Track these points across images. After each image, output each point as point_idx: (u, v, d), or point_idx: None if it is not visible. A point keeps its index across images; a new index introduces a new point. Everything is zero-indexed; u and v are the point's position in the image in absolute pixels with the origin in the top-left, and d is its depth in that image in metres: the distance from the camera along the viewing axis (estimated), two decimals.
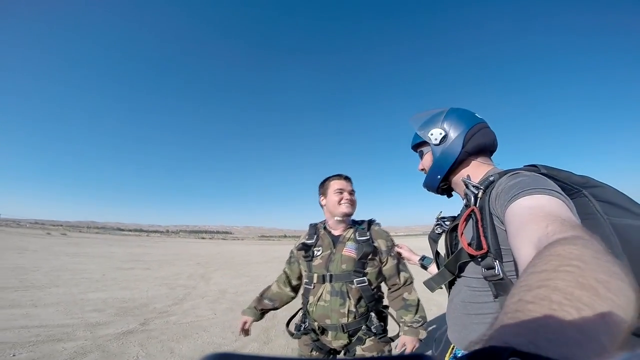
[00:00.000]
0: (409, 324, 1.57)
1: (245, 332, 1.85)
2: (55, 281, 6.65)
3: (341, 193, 1.69)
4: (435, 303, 5.31)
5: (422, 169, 1.13)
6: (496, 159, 1.04)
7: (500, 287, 0.79)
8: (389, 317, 1.69)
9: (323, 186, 1.79)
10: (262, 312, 1.87)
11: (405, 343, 1.56)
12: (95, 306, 4.83)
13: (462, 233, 0.87)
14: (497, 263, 0.77)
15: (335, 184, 1.73)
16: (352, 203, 1.71)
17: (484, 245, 0.78)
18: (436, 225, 1.12)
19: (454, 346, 1.01)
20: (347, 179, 1.77)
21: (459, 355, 0.95)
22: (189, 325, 4.14)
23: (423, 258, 1.54)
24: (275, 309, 1.88)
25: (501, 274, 0.77)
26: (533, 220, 0.56)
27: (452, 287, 1.01)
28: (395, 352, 1.61)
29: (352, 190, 1.76)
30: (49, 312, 4.36)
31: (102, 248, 18.05)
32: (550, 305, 0.25)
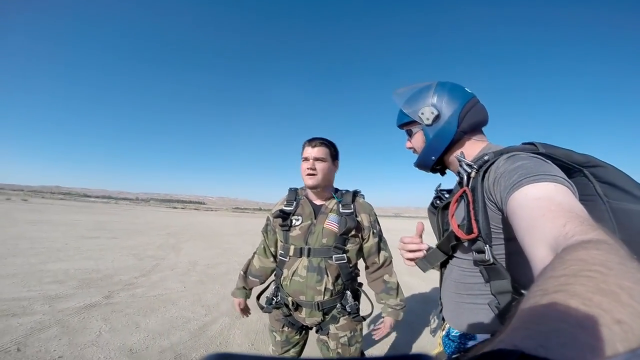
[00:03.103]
0: (392, 307, 1.59)
1: (244, 312, 1.84)
2: (13, 250, 6.26)
3: (306, 161, 1.52)
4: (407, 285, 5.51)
5: (411, 148, 1.07)
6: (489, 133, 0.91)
7: (492, 271, 0.77)
8: (362, 295, 1.67)
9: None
10: (251, 290, 1.81)
11: (384, 322, 1.61)
12: (56, 277, 4.61)
13: (452, 215, 0.84)
14: (487, 247, 0.75)
15: (304, 152, 1.55)
16: (315, 173, 1.50)
17: (475, 230, 0.75)
18: (435, 198, 1.07)
19: (445, 324, 1.00)
20: (314, 144, 1.53)
21: (453, 334, 0.94)
22: (156, 298, 4.05)
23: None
24: (262, 284, 1.81)
25: (492, 259, 0.75)
26: (546, 215, 0.52)
27: (446, 266, 0.99)
28: (374, 328, 1.65)
29: (318, 158, 1.50)
30: (4, 284, 4.10)
31: (66, 215, 17.21)
32: (566, 310, 0.24)
